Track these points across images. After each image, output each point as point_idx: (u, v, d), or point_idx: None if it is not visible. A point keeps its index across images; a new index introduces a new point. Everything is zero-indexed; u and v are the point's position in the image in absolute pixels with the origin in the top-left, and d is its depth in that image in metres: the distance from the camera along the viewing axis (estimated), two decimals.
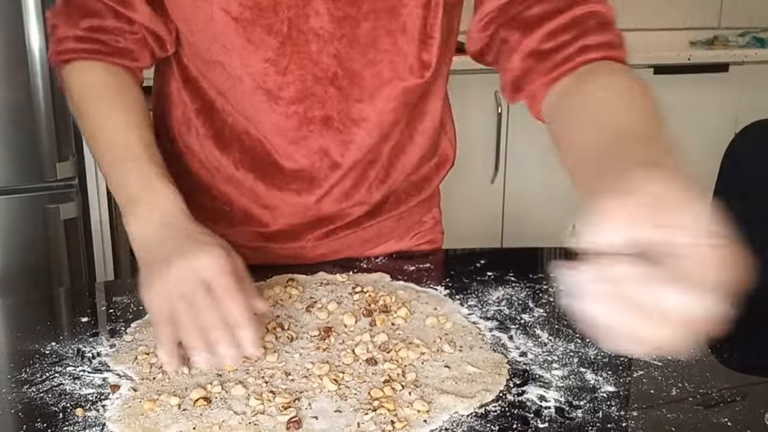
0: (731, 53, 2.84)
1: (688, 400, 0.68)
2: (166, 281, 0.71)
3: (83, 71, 0.93)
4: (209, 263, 0.71)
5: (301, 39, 0.88)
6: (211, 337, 0.67)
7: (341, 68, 0.90)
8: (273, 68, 0.89)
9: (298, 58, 0.89)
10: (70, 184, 2.07)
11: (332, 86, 0.91)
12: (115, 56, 0.92)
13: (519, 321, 0.84)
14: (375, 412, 0.65)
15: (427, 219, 1.12)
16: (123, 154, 0.85)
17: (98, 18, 0.91)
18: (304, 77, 0.90)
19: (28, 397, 0.69)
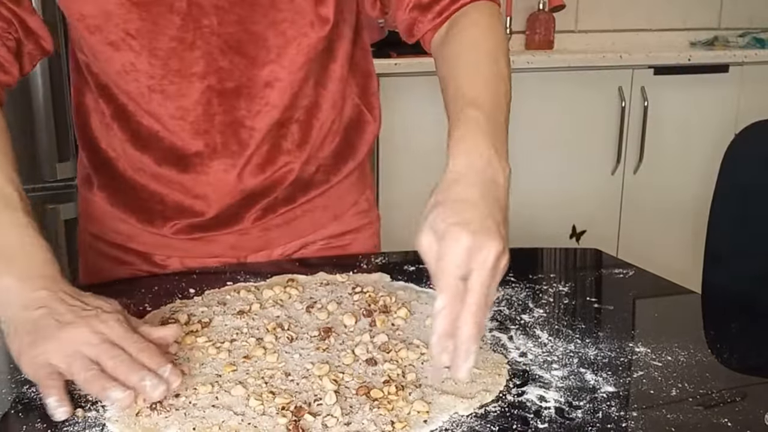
0: (731, 54, 2.84)
1: (688, 400, 0.68)
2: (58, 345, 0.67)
3: None
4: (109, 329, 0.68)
5: (201, 13, 0.90)
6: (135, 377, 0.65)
7: (246, 33, 0.92)
8: (180, 46, 0.91)
9: (201, 33, 0.91)
10: (70, 185, 2.07)
11: (238, 54, 0.93)
12: None
13: (519, 321, 0.84)
14: (375, 412, 0.65)
15: (361, 200, 1.14)
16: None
17: None
18: (210, 51, 0.92)
19: (28, 397, 0.69)
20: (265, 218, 1.04)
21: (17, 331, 0.69)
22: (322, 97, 1.02)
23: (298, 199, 1.05)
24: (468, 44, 0.89)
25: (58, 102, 2.02)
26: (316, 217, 1.08)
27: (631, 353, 0.77)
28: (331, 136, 1.05)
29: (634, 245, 2.80)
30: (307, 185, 1.05)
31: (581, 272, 1.05)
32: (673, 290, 0.96)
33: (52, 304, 0.70)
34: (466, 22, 0.92)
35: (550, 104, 2.67)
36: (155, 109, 0.95)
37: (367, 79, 1.09)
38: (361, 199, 1.14)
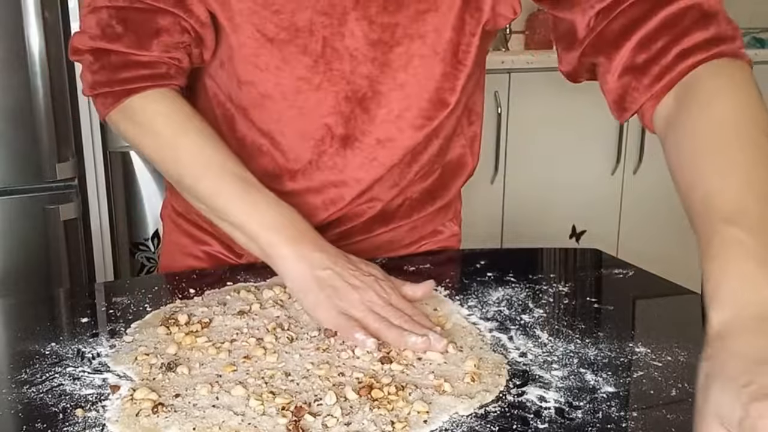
0: None
1: (688, 400, 0.68)
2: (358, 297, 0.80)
3: (159, 100, 0.91)
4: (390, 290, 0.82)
5: (335, 57, 0.90)
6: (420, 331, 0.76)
7: (370, 90, 0.91)
8: (306, 85, 0.91)
9: (331, 75, 0.90)
10: (70, 185, 2.08)
11: (359, 107, 0.92)
12: (179, 77, 0.93)
13: (519, 321, 0.84)
14: (375, 413, 0.65)
15: (443, 229, 1.12)
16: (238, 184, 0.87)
17: (168, 35, 0.89)
18: (336, 93, 0.92)
19: (28, 397, 0.69)
20: (339, 242, 1.01)
21: (310, 288, 0.81)
22: (431, 145, 0.99)
23: (375, 230, 1.04)
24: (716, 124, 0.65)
25: (58, 102, 2.02)
26: (391, 243, 1.07)
27: (631, 353, 0.77)
28: (427, 176, 1.04)
29: (634, 245, 2.81)
30: (389, 218, 1.04)
31: (581, 272, 1.05)
32: (673, 290, 0.96)
33: (334, 266, 0.82)
34: (709, 89, 0.69)
35: (550, 104, 2.67)
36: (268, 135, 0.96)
37: (477, 121, 1.06)
38: (443, 228, 1.12)
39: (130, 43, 0.89)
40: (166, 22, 0.89)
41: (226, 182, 0.87)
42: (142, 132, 0.92)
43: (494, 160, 2.64)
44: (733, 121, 0.65)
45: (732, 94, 0.67)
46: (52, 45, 1.98)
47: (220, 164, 0.88)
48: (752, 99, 0.66)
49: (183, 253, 1.10)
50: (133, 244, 2.34)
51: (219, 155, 0.89)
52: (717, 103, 0.67)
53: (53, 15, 1.99)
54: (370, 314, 0.78)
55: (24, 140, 1.99)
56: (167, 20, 0.89)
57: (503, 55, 2.76)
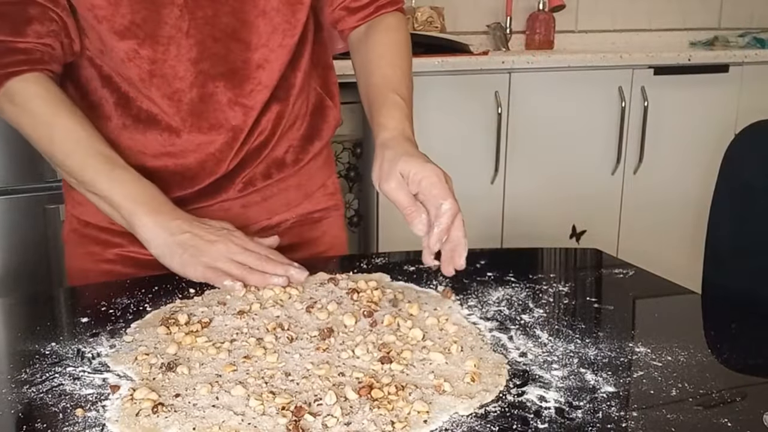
0: (731, 54, 2.84)
1: (688, 400, 0.68)
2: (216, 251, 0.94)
3: (34, 84, 1.00)
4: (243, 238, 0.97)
5: (197, 5, 1.01)
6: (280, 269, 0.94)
7: (239, 22, 1.03)
8: (178, 33, 1.01)
9: (196, 23, 1.01)
10: None
11: (233, 40, 1.04)
12: (51, 63, 1.02)
13: (519, 321, 0.84)
14: (375, 412, 0.65)
15: (328, 183, 1.24)
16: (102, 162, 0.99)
17: (38, 23, 0.99)
18: (203, 40, 1.02)
19: (28, 397, 0.69)
20: (245, 191, 1.12)
21: (173, 252, 0.95)
22: (296, 79, 1.13)
23: (273, 175, 1.14)
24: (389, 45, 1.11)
25: None
26: (290, 195, 1.18)
27: (631, 353, 0.77)
28: (300, 119, 1.16)
29: (634, 245, 2.81)
30: (281, 164, 1.15)
31: (581, 272, 1.05)
32: (673, 290, 0.96)
33: (191, 229, 0.96)
34: (386, 25, 1.13)
35: (550, 104, 2.67)
36: (154, 93, 1.04)
37: (327, 70, 1.21)
38: (328, 181, 1.24)
39: (8, 31, 0.99)
40: (36, 12, 0.99)
41: (92, 159, 0.99)
42: (20, 112, 1.01)
43: (494, 160, 2.64)
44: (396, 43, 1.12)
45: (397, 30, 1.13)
46: None
47: (88, 143, 1.00)
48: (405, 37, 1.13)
49: (95, 260, 1.13)
50: None
51: (87, 135, 1.00)
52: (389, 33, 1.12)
53: None
54: (232, 264, 0.93)
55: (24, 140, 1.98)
56: (36, 10, 0.99)
57: (503, 55, 2.76)
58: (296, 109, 1.14)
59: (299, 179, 1.18)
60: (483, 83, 2.59)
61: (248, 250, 0.95)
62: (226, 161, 1.09)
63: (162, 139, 1.07)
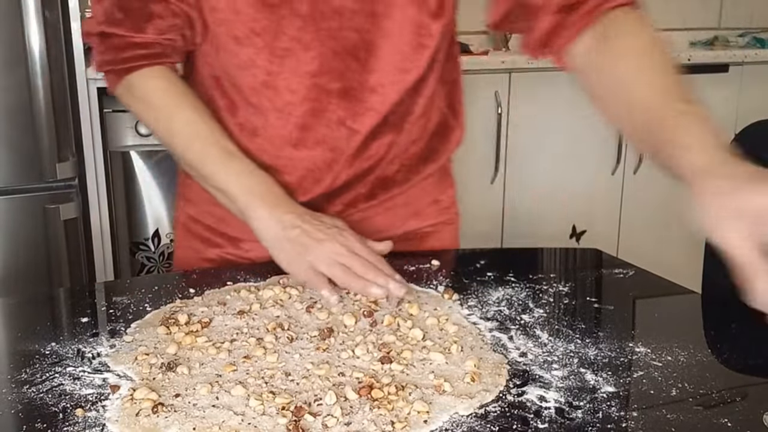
0: (731, 54, 2.84)
1: (688, 400, 0.68)
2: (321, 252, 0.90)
3: (153, 78, 1.02)
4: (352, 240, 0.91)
5: (322, 16, 0.96)
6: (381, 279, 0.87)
7: (361, 41, 0.98)
8: (298, 45, 0.97)
9: (319, 35, 0.97)
10: (70, 185, 2.08)
11: (351, 57, 0.98)
12: (173, 56, 1.03)
13: (519, 321, 0.84)
14: (375, 413, 0.65)
15: (443, 198, 1.17)
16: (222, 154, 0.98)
17: (160, 18, 0.99)
18: (324, 53, 0.98)
19: (28, 397, 0.69)
20: (345, 213, 1.07)
21: (283, 247, 0.93)
22: (416, 106, 1.05)
23: (378, 196, 1.09)
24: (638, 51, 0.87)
25: (58, 102, 2.02)
26: (396, 214, 1.12)
27: (631, 353, 0.77)
28: (416, 142, 1.09)
29: (634, 245, 2.81)
30: (389, 183, 1.09)
31: (581, 272, 1.05)
32: (673, 290, 0.96)
33: (303, 225, 0.92)
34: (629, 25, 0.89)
35: (550, 104, 2.67)
36: (264, 103, 1.02)
37: (454, 87, 1.13)
38: (443, 196, 1.17)
39: (129, 27, 1.00)
40: (158, 8, 0.99)
41: (211, 151, 0.99)
42: (142, 105, 1.04)
43: (494, 160, 2.64)
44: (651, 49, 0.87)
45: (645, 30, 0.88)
46: (53, 44, 1.98)
47: (207, 135, 0.99)
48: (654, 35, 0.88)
49: (197, 258, 1.15)
50: (133, 244, 2.34)
51: (207, 127, 1.00)
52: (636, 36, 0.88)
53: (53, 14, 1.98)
54: (336, 267, 0.89)
55: (24, 140, 1.98)
56: (159, 6, 0.99)
57: (503, 55, 2.76)
58: (413, 133, 1.08)
59: (407, 198, 1.12)
60: (483, 83, 2.59)
61: (355, 253, 0.90)
62: (326, 181, 1.05)
63: (262, 151, 1.04)
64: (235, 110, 1.04)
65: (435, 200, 1.16)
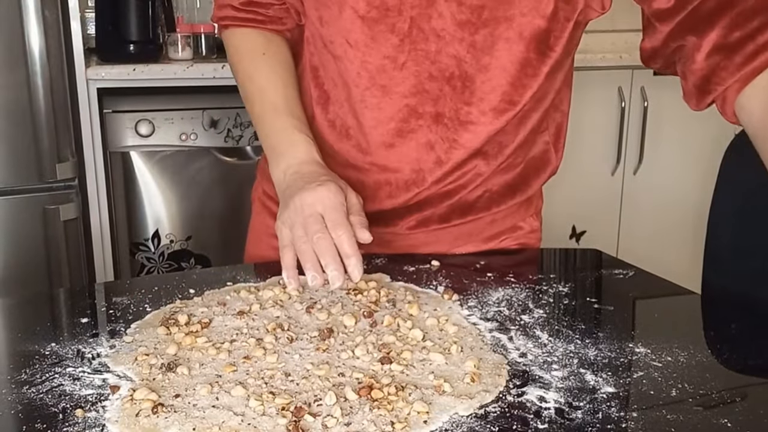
0: None
1: (688, 401, 0.68)
2: (289, 213, 0.87)
3: (237, 36, 1.07)
4: (320, 198, 0.85)
5: (421, 37, 0.93)
6: (323, 261, 0.81)
7: (458, 69, 0.93)
8: (391, 64, 0.95)
9: (416, 55, 0.94)
10: (70, 185, 2.08)
11: (448, 85, 0.95)
12: (267, 23, 1.06)
13: (519, 322, 0.84)
14: (375, 413, 0.65)
15: (523, 225, 1.12)
16: (267, 111, 1.00)
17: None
18: (419, 73, 0.95)
19: (28, 397, 0.69)
20: (416, 229, 1.06)
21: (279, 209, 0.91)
22: (517, 136, 1.01)
23: (453, 219, 1.06)
24: None
25: (58, 102, 2.02)
26: (469, 235, 1.08)
27: (631, 354, 0.77)
28: (509, 170, 1.05)
29: (634, 245, 2.80)
30: (467, 209, 1.06)
31: (581, 273, 1.05)
32: (673, 290, 0.96)
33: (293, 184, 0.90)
34: None
35: None
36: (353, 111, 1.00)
37: (563, 117, 1.08)
38: (524, 222, 1.13)
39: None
40: None
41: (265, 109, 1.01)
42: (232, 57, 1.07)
43: None
44: None
45: None
46: (52, 44, 1.98)
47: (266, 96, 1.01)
48: None
49: (269, 234, 1.12)
50: (133, 244, 2.34)
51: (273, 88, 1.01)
52: None
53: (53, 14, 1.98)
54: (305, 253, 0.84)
55: (24, 140, 1.98)
56: None
57: None
58: (507, 162, 1.03)
59: (483, 225, 1.08)
60: None
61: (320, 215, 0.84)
62: (401, 198, 1.03)
63: (345, 152, 1.03)
64: (327, 103, 1.03)
65: (513, 225, 1.11)
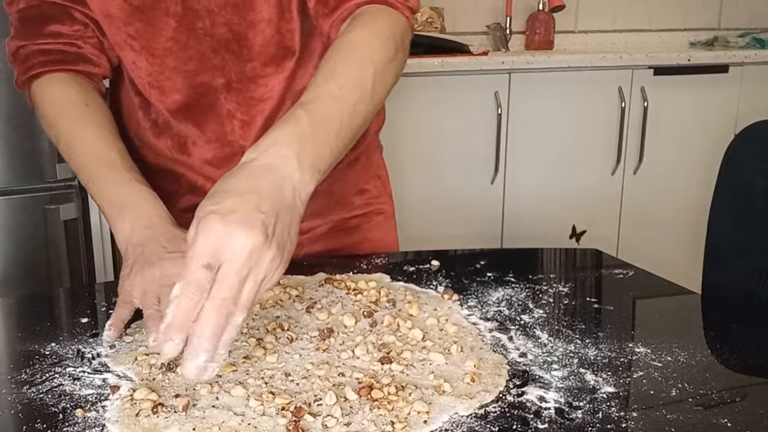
0: (731, 54, 2.83)
1: (688, 400, 0.68)
2: (143, 278, 0.82)
3: (52, 87, 1.01)
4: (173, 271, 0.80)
5: (196, 17, 0.97)
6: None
7: (231, 33, 0.99)
8: (175, 45, 0.99)
9: (195, 35, 0.98)
10: (70, 185, 2.07)
11: (228, 52, 1.00)
12: (79, 63, 1.02)
13: (519, 322, 0.84)
14: (375, 413, 0.65)
15: (369, 188, 1.17)
16: (102, 166, 0.95)
17: (57, 23, 1.00)
18: (203, 50, 0.99)
19: (28, 397, 0.69)
20: None
21: (126, 263, 0.86)
22: None
23: None
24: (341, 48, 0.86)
25: None
26: (319, 203, 1.09)
27: (631, 353, 0.77)
28: None
29: (634, 245, 2.80)
30: None
31: (581, 272, 1.05)
32: (673, 290, 0.96)
33: (149, 244, 0.85)
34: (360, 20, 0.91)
35: (550, 104, 2.67)
36: (155, 102, 1.03)
37: None
38: (369, 185, 1.17)
39: (27, 35, 1.01)
40: (53, 11, 0.99)
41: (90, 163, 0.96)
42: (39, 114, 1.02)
43: (494, 160, 2.64)
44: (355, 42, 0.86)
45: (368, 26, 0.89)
46: None
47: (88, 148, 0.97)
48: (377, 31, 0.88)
49: None
50: None
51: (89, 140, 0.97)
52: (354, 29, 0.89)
53: None
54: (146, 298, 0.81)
55: (24, 140, 1.98)
56: (54, 10, 0.99)
57: (503, 55, 2.76)
58: None
59: (328, 186, 1.06)
60: (483, 83, 2.59)
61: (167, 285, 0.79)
62: None
63: (172, 145, 1.07)
64: (148, 106, 1.06)
65: (360, 189, 1.16)
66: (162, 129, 1.07)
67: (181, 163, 1.08)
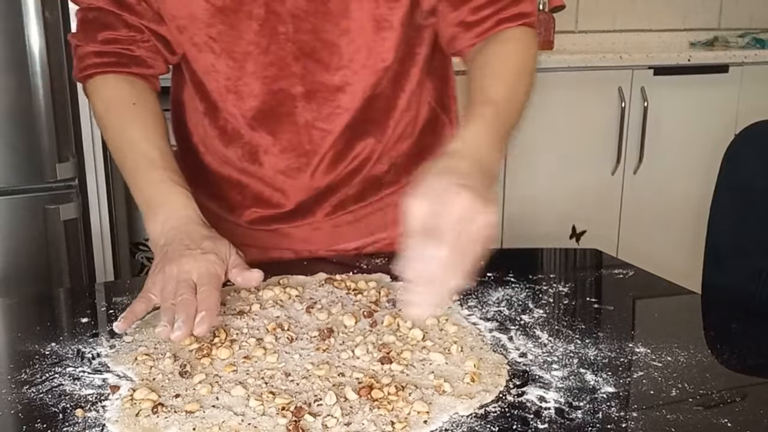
0: (731, 54, 2.83)
1: (688, 400, 0.68)
2: (164, 275, 0.82)
3: (104, 86, 1.03)
4: (197, 267, 0.82)
5: (279, 21, 0.96)
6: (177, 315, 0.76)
7: (319, 41, 0.97)
8: (256, 50, 0.97)
9: (277, 39, 0.97)
10: (70, 185, 2.07)
11: (311, 60, 0.98)
12: (132, 66, 1.02)
13: (519, 322, 0.84)
14: (375, 413, 0.65)
15: None
16: (142, 164, 0.96)
17: (111, 30, 1.01)
18: (284, 56, 0.98)
19: (28, 397, 0.69)
20: (335, 214, 1.09)
21: (154, 262, 0.87)
22: (399, 99, 1.05)
23: (368, 197, 1.09)
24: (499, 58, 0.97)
25: (58, 102, 2.02)
26: (388, 214, 1.10)
27: (631, 353, 0.77)
28: (405, 138, 1.09)
29: (634, 245, 2.80)
30: (378, 184, 1.09)
31: (581, 272, 1.05)
32: (673, 290, 0.96)
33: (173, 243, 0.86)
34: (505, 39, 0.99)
35: (550, 104, 2.67)
36: (230, 108, 1.03)
37: (444, 83, 1.13)
38: None
39: (83, 37, 1.03)
40: (110, 20, 1.01)
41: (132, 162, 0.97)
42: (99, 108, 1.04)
43: None
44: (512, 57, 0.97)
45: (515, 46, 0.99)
46: (53, 45, 1.98)
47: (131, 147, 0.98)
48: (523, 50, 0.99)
49: None
50: (133, 244, 2.34)
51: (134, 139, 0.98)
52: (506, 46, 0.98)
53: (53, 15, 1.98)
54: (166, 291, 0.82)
55: (24, 140, 1.98)
56: (111, 18, 1.01)
57: None
58: (399, 129, 1.07)
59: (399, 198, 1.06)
60: None
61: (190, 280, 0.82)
62: (311, 186, 1.06)
63: (242, 155, 1.05)
64: (215, 112, 1.05)
65: None
66: (231, 137, 1.06)
67: (250, 173, 1.07)
